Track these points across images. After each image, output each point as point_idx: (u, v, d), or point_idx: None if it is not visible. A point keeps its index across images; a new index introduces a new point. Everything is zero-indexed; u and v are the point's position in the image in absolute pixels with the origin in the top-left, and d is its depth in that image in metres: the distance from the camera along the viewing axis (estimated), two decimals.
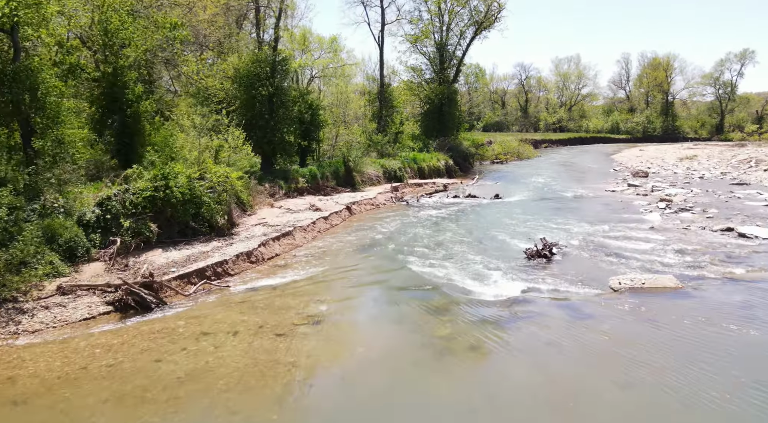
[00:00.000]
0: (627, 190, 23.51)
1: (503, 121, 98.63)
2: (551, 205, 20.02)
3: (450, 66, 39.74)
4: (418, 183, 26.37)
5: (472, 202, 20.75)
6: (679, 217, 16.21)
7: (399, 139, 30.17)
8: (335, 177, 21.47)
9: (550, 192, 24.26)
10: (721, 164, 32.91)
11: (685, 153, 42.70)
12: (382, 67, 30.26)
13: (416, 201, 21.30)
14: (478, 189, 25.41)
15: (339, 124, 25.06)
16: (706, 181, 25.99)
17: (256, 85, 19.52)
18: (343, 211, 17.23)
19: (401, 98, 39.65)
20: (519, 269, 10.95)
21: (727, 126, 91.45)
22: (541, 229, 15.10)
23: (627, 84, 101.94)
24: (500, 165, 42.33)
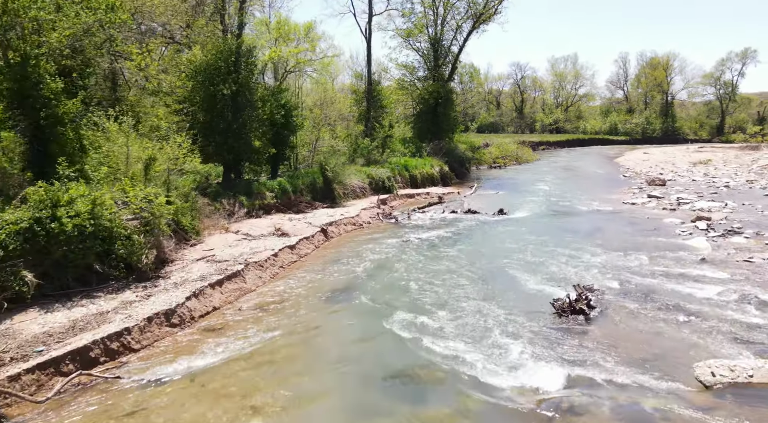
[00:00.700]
0: (648, 202, 20.45)
1: (498, 122, 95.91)
2: (566, 224, 16.91)
3: (445, 63, 36.61)
4: (409, 194, 23.18)
5: (473, 220, 17.59)
6: (731, 242, 13.13)
7: (388, 143, 26.98)
8: (311, 190, 18.21)
9: (561, 204, 21.17)
10: (741, 170, 30.00)
11: (697, 157, 39.83)
12: (370, 63, 27.12)
13: (407, 218, 18.11)
14: (478, 201, 22.26)
15: (320, 126, 21.80)
16: (735, 190, 23.01)
17: (216, 82, 16.26)
18: (316, 236, 13.99)
19: (392, 98, 36.56)
20: (549, 336, 7.77)
21: (727, 127, 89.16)
22: (562, 258, 11.97)
23: (625, 84, 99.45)
24: (499, 170, 39.27)
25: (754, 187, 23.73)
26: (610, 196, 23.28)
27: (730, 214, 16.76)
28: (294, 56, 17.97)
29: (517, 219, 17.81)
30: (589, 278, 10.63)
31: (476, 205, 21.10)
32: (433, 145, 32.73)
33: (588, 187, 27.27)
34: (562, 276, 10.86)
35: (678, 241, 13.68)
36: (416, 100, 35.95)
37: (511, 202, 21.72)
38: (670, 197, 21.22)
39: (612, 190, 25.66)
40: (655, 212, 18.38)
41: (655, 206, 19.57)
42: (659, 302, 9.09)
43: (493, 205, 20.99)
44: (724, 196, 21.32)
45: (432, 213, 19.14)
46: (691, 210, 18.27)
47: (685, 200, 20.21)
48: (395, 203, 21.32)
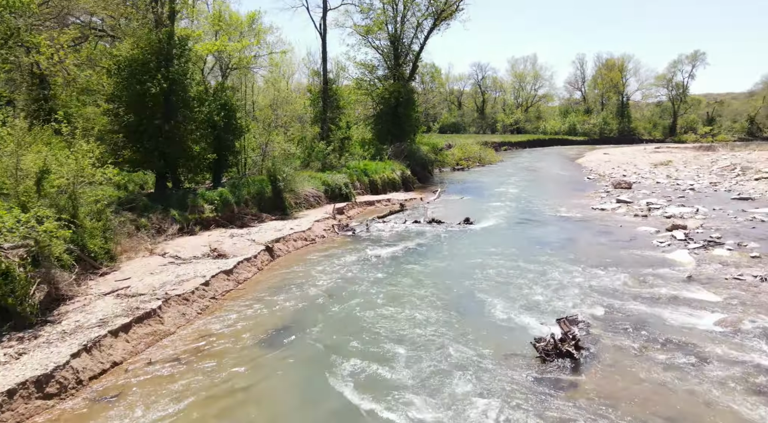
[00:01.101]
0: (618, 208, 19.58)
1: (460, 122, 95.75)
2: (536, 234, 15.69)
3: (406, 62, 35.20)
4: (369, 201, 21.56)
5: (437, 231, 16.13)
6: (714, 255, 12.14)
7: (346, 146, 25.28)
8: (259, 201, 16.30)
9: (528, 211, 20.04)
10: (702, 171, 29.90)
11: (657, 158, 39.96)
12: (325, 60, 25.32)
13: (366, 230, 16.48)
14: (442, 208, 20.89)
15: (271, 129, 19.87)
16: (701, 194, 22.53)
17: (144, 78, 14.16)
18: (259, 256, 12.16)
19: (351, 98, 34.88)
20: (531, 390, 6.32)
21: (678, 127, 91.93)
22: (536, 278, 10.62)
23: (582, 85, 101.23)
24: (462, 172, 38.20)
25: (719, 190, 23.35)
26: (578, 200, 22.38)
27: (705, 222, 15.94)
28: (238, 51, 16.05)
29: (483, 229, 16.47)
30: (569, 304, 9.31)
31: (440, 213, 19.72)
32: (394, 148, 31.26)
33: (554, 191, 26.40)
34: (539, 300, 9.50)
35: (658, 254, 12.61)
36: (376, 101, 34.41)
37: (476, 209, 20.45)
38: (640, 202, 20.44)
39: (579, 193, 24.85)
40: (627, 219, 17.45)
41: (625, 212, 18.68)
42: (654, 337, 7.80)
43: (458, 212, 19.65)
44: (691, 200, 20.73)
45: (393, 223, 17.58)
46: (663, 216, 17.44)
47: (655, 205, 19.43)
48: (353, 212, 19.65)
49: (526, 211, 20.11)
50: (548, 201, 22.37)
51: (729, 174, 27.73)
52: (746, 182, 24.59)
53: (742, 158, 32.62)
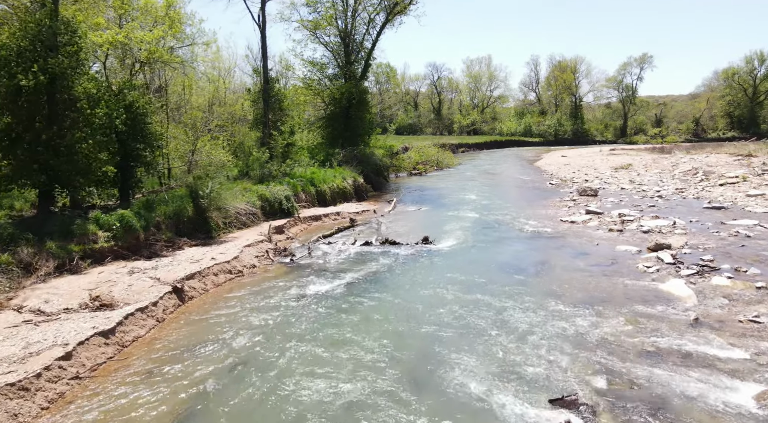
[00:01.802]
0: (589, 220, 17.86)
1: (417, 123, 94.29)
2: (504, 257, 13.61)
3: (357, 60, 32.80)
4: (315, 216, 18.97)
5: (391, 255, 13.78)
6: (715, 286, 10.32)
7: (290, 152, 22.58)
8: (176, 222, 13.44)
9: (493, 224, 18.02)
10: (665, 176, 28.99)
11: (616, 161, 39.24)
12: (265, 56, 22.52)
13: (308, 254, 13.93)
14: (398, 222, 18.58)
15: (200, 134, 16.96)
16: (671, 202, 21.22)
17: (16, 71, 11.09)
18: (161, 302, 9.39)
19: (300, 99, 32.17)
20: None
21: (628, 129, 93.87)
22: (512, 324, 8.40)
23: (537, 86, 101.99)
24: (420, 178, 36.16)
25: (687, 197, 22.16)
26: (545, 210, 20.60)
27: (688, 238, 14.30)
28: (147, 42, 13.10)
29: (445, 251, 14.24)
30: (559, 366, 7.13)
31: (396, 229, 17.41)
32: (345, 153, 28.79)
33: (518, 199, 24.64)
34: (519, 361, 7.28)
35: (648, 283, 10.71)
36: (326, 102, 31.84)
37: (436, 222, 18.28)
38: (611, 213, 18.81)
39: (544, 202, 23.15)
40: (602, 235, 15.68)
41: (598, 226, 16.94)
42: None
43: (416, 227, 17.41)
44: (663, 210, 19.30)
45: (341, 244, 15.09)
46: (640, 231, 15.77)
47: (628, 217, 17.82)
48: (296, 231, 17.03)
49: (491, 224, 18.09)
50: (513, 211, 20.48)
51: (692, 179, 26.83)
52: (712, 188, 23.58)
53: (702, 162, 32.06)
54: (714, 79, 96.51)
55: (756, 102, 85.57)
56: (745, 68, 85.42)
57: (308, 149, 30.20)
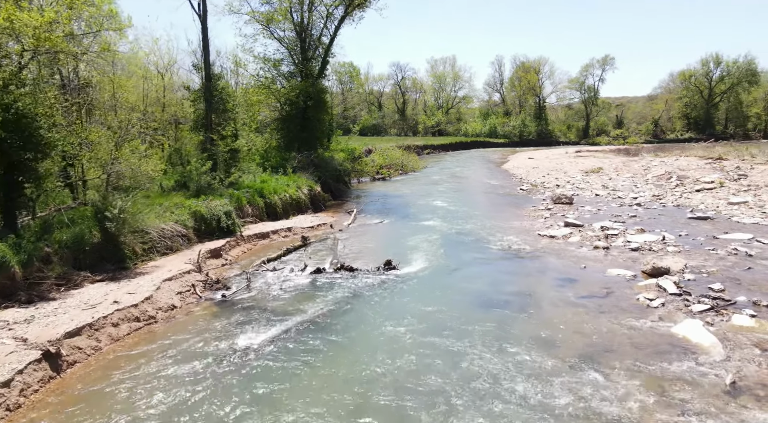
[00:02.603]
0: (570, 234, 16.09)
1: (381, 124, 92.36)
2: (480, 285, 11.56)
3: (315, 57, 30.34)
4: (262, 233, 16.47)
5: (347, 287, 11.50)
6: (738, 328, 8.49)
7: (236, 159, 19.97)
8: (76, 252, 10.73)
9: (465, 240, 16.01)
10: (638, 181, 27.82)
11: (585, 164, 38.18)
12: (207, 50, 19.81)
13: (246, 286, 11.49)
14: (358, 240, 16.32)
15: (124, 140, 14.19)
16: (651, 211, 19.79)
17: None
18: (23, 376, 6.79)
19: (253, 99, 29.45)
20: None
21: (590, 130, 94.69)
22: (490, 391, 6.29)
23: (501, 87, 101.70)
24: (383, 183, 34.01)
25: (667, 205, 20.81)
26: (520, 222, 18.76)
27: (685, 259, 12.62)
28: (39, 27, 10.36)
29: (410, 279, 12.06)
30: None
31: (355, 247, 15.16)
32: (301, 158, 26.31)
33: (489, 208, 22.79)
34: None
35: (658, 325, 8.82)
36: (281, 102, 29.23)
37: (400, 240, 16.12)
38: (592, 225, 17.11)
39: (517, 211, 21.36)
40: (587, 254, 13.87)
41: (581, 242, 15.16)
42: None
43: (378, 247, 15.21)
44: (646, 221, 17.77)
45: (288, 271, 12.71)
46: (628, 248, 14.06)
47: (612, 231, 16.14)
48: (237, 253, 14.51)
49: (462, 240, 16.07)
50: (486, 223, 18.55)
51: (667, 184, 25.68)
52: (690, 195, 22.36)
53: (673, 165, 31.16)
54: (670, 81, 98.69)
55: (711, 104, 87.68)
56: (701, 70, 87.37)
57: (261, 154, 27.58)
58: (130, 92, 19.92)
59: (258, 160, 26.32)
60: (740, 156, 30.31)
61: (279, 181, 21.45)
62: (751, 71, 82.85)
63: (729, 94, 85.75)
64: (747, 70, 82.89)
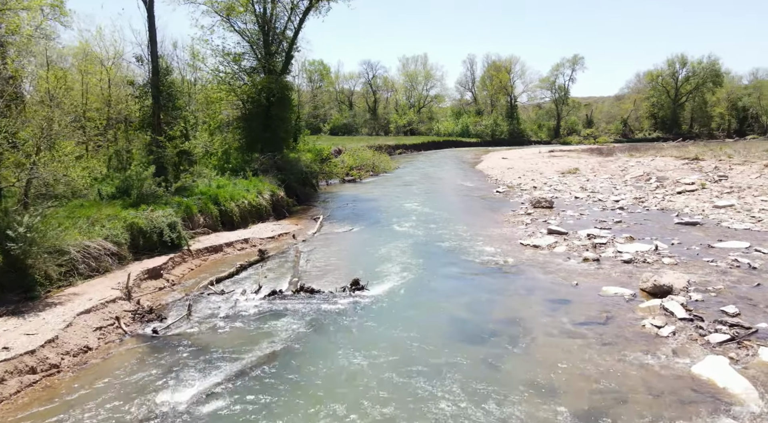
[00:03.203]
0: (555, 243, 14.77)
1: (352, 123, 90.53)
2: (460, 311, 10.03)
3: (279, 51, 28.40)
4: (214, 246, 14.57)
5: (307, 313, 9.80)
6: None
7: (189, 162, 17.96)
8: None
9: (441, 251, 14.50)
10: (617, 182, 26.95)
11: (561, 164, 37.34)
12: (154, 40, 17.68)
13: (186, 315, 9.65)
14: (323, 253, 14.60)
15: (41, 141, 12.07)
16: (636, 215, 18.73)
17: None
18: None
19: (213, 96, 27.36)
20: None
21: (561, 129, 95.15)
22: None
23: (473, 86, 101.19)
24: (354, 185, 32.30)
25: (651, 209, 19.81)
26: (500, 228, 17.38)
27: (687, 274, 11.37)
28: None
29: (380, 302, 10.44)
30: None
31: (319, 262, 13.44)
32: (264, 160, 24.41)
33: (465, 213, 21.37)
34: None
35: (673, 361, 7.43)
36: (243, 100, 27.20)
37: (370, 252, 14.49)
38: (577, 233, 15.85)
39: (495, 216, 20.01)
40: (575, 266, 12.52)
41: (567, 252, 13.84)
42: None
43: (345, 261, 13.53)
44: (633, 227, 16.64)
45: (239, 294, 10.91)
46: (620, 260, 12.78)
47: (599, 239, 14.88)
48: (181, 271, 12.60)
49: (438, 251, 14.55)
50: (463, 230, 17.11)
51: (647, 186, 24.82)
52: (673, 197, 21.46)
53: (650, 166, 30.48)
54: (636, 82, 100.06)
55: (678, 103, 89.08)
56: (667, 71, 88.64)
57: (220, 157, 25.54)
58: (70, 87, 17.66)
59: (217, 163, 24.31)
60: (716, 156, 29.84)
61: (238, 186, 19.52)
62: (715, 71, 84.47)
63: (694, 95, 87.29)
64: (711, 71, 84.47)
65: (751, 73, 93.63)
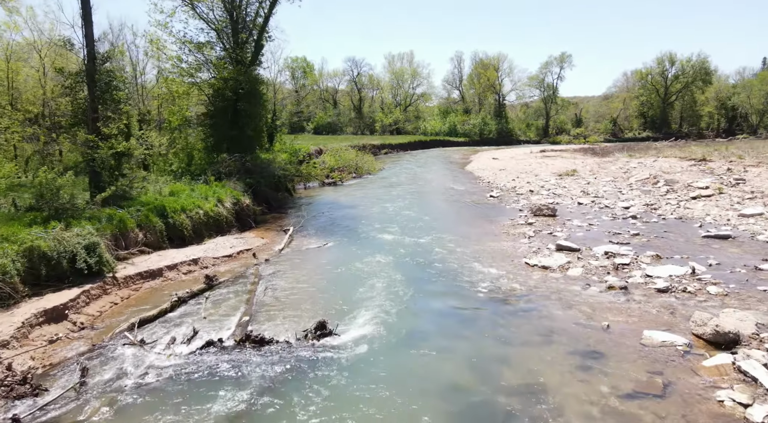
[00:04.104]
0: (568, 263, 12.26)
1: (336, 122, 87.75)
2: (461, 376, 7.43)
3: (250, 40, 25.60)
4: (151, 271, 11.75)
5: (250, 379, 7.08)
6: None
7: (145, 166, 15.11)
8: None
9: (431, 279, 11.88)
10: (621, 185, 24.62)
11: (556, 165, 35.01)
12: (89, 19, 14.77)
13: (78, 383, 6.89)
14: (289, 274, 11.87)
15: None
16: (652, 225, 16.34)
17: None
18: None
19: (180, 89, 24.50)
20: None
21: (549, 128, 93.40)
22: None
23: (460, 84, 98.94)
24: (334, 188, 29.58)
25: (667, 217, 17.45)
26: (498, 242, 14.84)
27: (747, 309, 8.90)
28: None
29: (353, 356, 7.78)
30: None
31: (280, 292, 10.73)
32: (231, 162, 21.59)
33: (457, 222, 18.80)
34: None
35: None
36: (208, 94, 24.34)
37: (345, 277, 11.82)
38: (592, 249, 13.36)
39: (492, 226, 17.48)
40: (600, 297, 10.00)
41: (585, 276, 11.33)
42: None
43: (312, 291, 10.84)
44: (653, 241, 14.22)
45: (164, 345, 8.17)
46: (653, 288, 10.29)
47: (620, 258, 12.40)
48: (98, 309, 9.78)
49: (428, 275, 11.94)
50: (455, 244, 14.55)
51: (656, 190, 22.49)
52: (689, 204, 19.13)
53: (655, 168, 28.23)
54: (623, 81, 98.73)
55: (667, 102, 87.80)
56: (656, 69, 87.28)
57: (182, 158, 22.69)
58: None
59: (179, 166, 21.48)
60: (725, 157, 27.72)
61: (195, 193, 16.73)
62: (705, 70, 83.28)
63: (684, 93, 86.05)
64: (701, 69, 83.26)
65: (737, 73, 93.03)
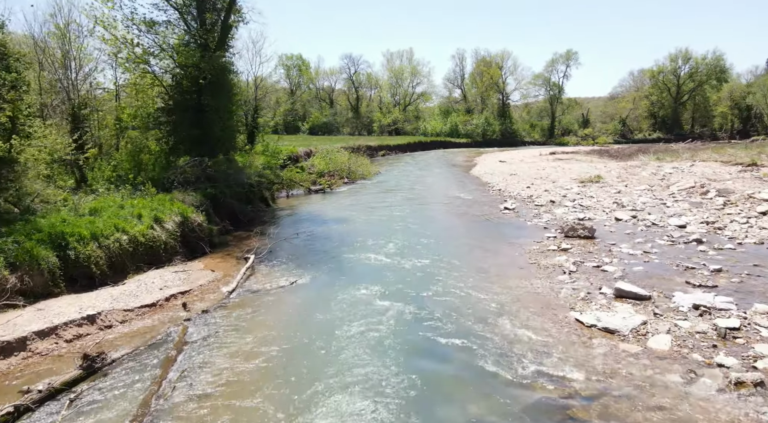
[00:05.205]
0: (645, 327, 8.21)
1: (333, 122, 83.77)
2: None
3: (218, 23, 21.57)
4: (4, 344, 7.66)
5: None
6: None
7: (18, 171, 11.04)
8: None
9: (441, 350, 7.82)
10: (661, 195, 20.55)
11: (574, 169, 30.94)
12: None
13: None
14: (231, 337, 7.73)
15: None
16: (728, 254, 12.31)
17: None
18: None
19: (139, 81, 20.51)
20: None
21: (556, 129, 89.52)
22: None
23: (462, 83, 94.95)
24: (322, 197, 25.47)
25: (744, 241, 13.42)
26: (528, 280, 10.77)
27: None
28: None
29: None
30: None
31: (203, 382, 6.58)
32: (188, 168, 17.54)
33: (468, 246, 14.71)
34: None
35: None
36: (166, 85, 20.31)
37: (316, 345, 7.71)
38: (674, 299, 9.28)
39: (514, 251, 13.41)
40: (722, 403, 5.95)
41: (679, 354, 7.29)
42: None
43: (254, 381, 6.66)
44: (747, 281, 10.20)
45: None
46: None
47: (721, 318, 8.34)
48: None
49: (435, 351, 7.87)
50: (470, 284, 10.50)
51: (708, 202, 18.41)
52: (764, 222, 15.05)
53: (695, 173, 24.19)
54: (631, 80, 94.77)
55: (679, 102, 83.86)
56: (669, 67, 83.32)
57: (130, 163, 18.64)
58: None
59: (124, 173, 17.47)
60: None
61: (124, 211, 12.67)
62: (720, 68, 79.30)
63: (697, 93, 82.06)
64: (716, 67, 79.29)
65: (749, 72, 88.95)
